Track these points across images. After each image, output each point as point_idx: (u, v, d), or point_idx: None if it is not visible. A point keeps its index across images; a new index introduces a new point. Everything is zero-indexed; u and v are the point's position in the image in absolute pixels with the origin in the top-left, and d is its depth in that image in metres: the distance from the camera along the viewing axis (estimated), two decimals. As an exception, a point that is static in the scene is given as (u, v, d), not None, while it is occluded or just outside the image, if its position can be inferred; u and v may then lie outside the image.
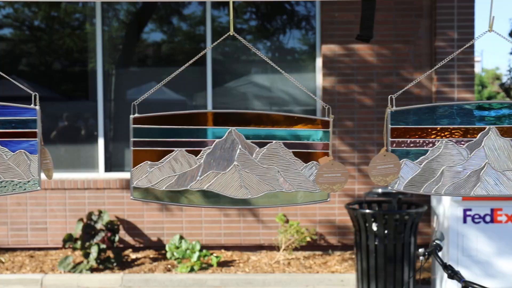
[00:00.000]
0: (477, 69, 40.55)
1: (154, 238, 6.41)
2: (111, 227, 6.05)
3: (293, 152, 1.72)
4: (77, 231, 5.98)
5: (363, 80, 6.28)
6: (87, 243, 5.82)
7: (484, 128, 1.61)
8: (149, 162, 1.67)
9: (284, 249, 6.16)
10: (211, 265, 5.94)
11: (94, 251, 5.75)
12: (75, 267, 5.75)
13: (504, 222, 4.72)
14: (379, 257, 4.91)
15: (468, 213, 4.74)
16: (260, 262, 6.11)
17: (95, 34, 6.46)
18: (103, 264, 5.84)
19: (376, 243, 4.90)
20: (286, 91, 6.59)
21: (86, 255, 5.77)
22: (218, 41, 1.96)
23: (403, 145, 1.66)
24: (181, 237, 6.13)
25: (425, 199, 5.89)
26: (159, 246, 6.40)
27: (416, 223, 4.98)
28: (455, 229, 4.74)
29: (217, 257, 6.01)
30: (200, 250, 6.02)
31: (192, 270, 5.80)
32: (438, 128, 1.64)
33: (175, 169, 1.68)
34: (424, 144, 1.65)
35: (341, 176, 1.70)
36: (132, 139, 1.68)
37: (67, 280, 5.55)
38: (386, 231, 4.86)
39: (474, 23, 6.17)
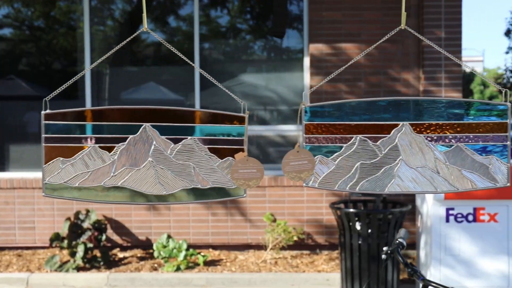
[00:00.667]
0: (479, 68, 40.48)
1: (142, 237, 6.42)
2: (98, 226, 6.05)
3: (209, 148, 1.71)
4: (64, 230, 5.99)
5: (350, 79, 6.28)
6: (74, 242, 5.83)
7: (398, 125, 1.61)
8: (61, 159, 1.67)
9: (271, 249, 6.16)
10: (197, 264, 5.95)
11: (80, 250, 5.76)
12: (61, 266, 5.76)
13: (486, 222, 4.72)
14: (363, 256, 4.91)
15: (450, 212, 4.74)
16: (247, 262, 6.11)
17: (83, 34, 6.47)
18: (89, 263, 5.85)
19: (359, 242, 4.90)
20: (274, 90, 6.59)
21: (73, 254, 5.78)
22: (131, 37, 1.96)
23: (317, 141, 1.66)
24: (169, 236, 6.14)
25: (411, 199, 5.88)
26: (146, 245, 6.40)
27: (400, 222, 4.98)
28: (437, 228, 4.74)
29: (203, 256, 6.01)
30: (187, 249, 6.02)
31: (178, 269, 5.80)
32: (353, 125, 1.64)
33: (88, 165, 1.68)
34: (339, 140, 1.65)
35: (257, 172, 1.70)
36: (43, 136, 1.67)
37: (53, 279, 5.56)
38: (369, 230, 4.86)
39: (461, 22, 6.17)
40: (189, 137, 1.70)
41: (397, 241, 2.55)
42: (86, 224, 5.98)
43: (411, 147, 1.61)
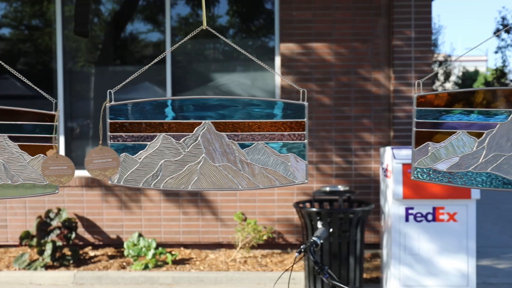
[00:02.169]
0: (483, 68, 40.36)
1: (113, 236, 6.44)
2: (68, 225, 6.08)
3: (19, 145, 1.74)
4: (35, 228, 6.02)
5: (321, 79, 6.29)
6: (43, 241, 5.85)
7: (200, 123, 1.63)
8: None
9: (241, 247, 6.18)
10: (166, 263, 5.97)
11: (48, 249, 5.78)
12: (30, 264, 5.79)
13: (445, 221, 4.72)
14: (325, 255, 4.92)
15: (410, 211, 4.75)
16: (217, 260, 6.13)
17: (56, 34, 6.50)
18: (58, 261, 5.87)
19: (321, 241, 4.90)
20: (246, 90, 6.61)
21: (41, 252, 5.81)
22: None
23: (122, 139, 1.68)
24: (140, 235, 6.16)
25: (377, 198, 5.89)
26: (118, 244, 6.43)
27: (362, 221, 4.99)
28: (397, 227, 4.75)
29: (172, 254, 6.04)
30: (156, 248, 6.04)
31: (146, 267, 5.82)
32: (157, 123, 1.65)
33: None
34: (143, 138, 1.66)
35: (68, 169, 1.72)
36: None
37: (20, 277, 5.59)
38: (331, 230, 4.87)
39: (431, 22, 6.17)
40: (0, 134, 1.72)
41: (311, 240, 2.57)
42: (55, 223, 6.01)
43: (213, 145, 1.63)
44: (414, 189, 4.67)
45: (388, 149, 4.91)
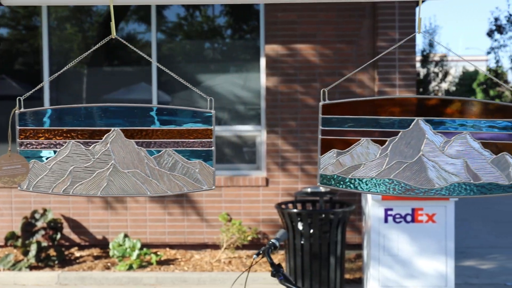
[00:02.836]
0: (483, 68, 40.25)
1: (99, 236, 6.46)
2: (54, 225, 6.10)
3: None
4: (20, 229, 6.04)
5: (305, 80, 6.31)
6: (27, 241, 5.88)
7: (110, 130, 1.65)
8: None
9: (226, 248, 6.20)
10: (151, 264, 5.99)
11: (33, 249, 5.81)
12: (14, 265, 5.81)
13: (424, 222, 4.74)
14: (305, 256, 4.94)
15: (389, 212, 4.77)
16: (202, 261, 6.16)
17: (41, 35, 6.52)
18: (43, 262, 5.90)
19: (302, 242, 4.93)
20: (232, 91, 6.63)
21: (26, 253, 5.83)
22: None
23: (31, 146, 1.70)
24: (126, 236, 6.19)
25: (358, 199, 5.91)
26: (104, 245, 6.45)
27: (343, 222, 5.01)
28: (376, 228, 4.77)
29: (157, 255, 6.06)
30: (141, 249, 6.07)
31: (131, 268, 5.85)
32: (65, 130, 1.68)
33: None
34: (53, 145, 1.69)
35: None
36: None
37: (5, 278, 5.61)
38: (311, 230, 4.89)
39: (415, 23, 6.18)
40: None
41: (270, 242, 2.59)
42: (40, 223, 6.03)
43: (123, 152, 1.66)
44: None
45: (368, 150, 4.92)
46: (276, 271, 2.36)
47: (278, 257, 6.24)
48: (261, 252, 2.51)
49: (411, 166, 1.67)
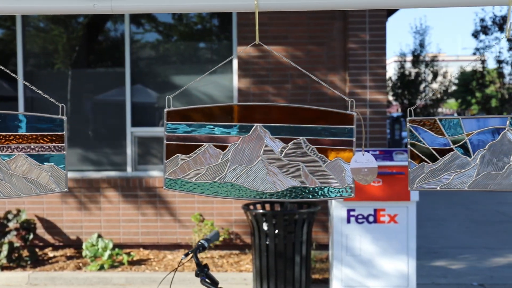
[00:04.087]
0: (479, 68, 40.46)
1: (73, 237, 6.51)
2: (27, 226, 6.14)
3: None
4: (-7, 229, 6.08)
5: (277, 81, 6.36)
6: (-1, 242, 5.92)
7: None
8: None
9: (198, 248, 6.24)
10: (122, 264, 6.04)
11: (5, 250, 5.84)
12: (-14, 265, 5.85)
13: (386, 223, 4.80)
14: (270, 256, 4.99)
15: (352, 213, 4.82)
16: (174, 261, 6.20)
17: (16, 37, 6.56)
18: (15, 262, 5.94)
19: (267, 242, 4.98)
20: (205, 92, 6.67)
21: (-3, 253, 5.87)
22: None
23: None
24: (99, 236, 6.23)
25: (325, 200, 5.95)
26: (78, 245, 6.49)
27: (309, 222, 5.05)
28: (339, 229, 4.82)
29: (129, 255, 6.11)
30: (113, 249, 6.11)
31: (102, 268, 5.89)
32: None
33: None
34: None
35: None
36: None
37: (-25, 278, 5.65)
38: (276, 231, 4.94)
39: (385, 25, 6.24)
40: None
41: (199, 243, 2.63)
42: (13, 224, 6.07)
43: None
44: (355, 191, 4.73)
45: (331, 151, 4.97)
46: (200, 271, 2.41)
47: (250, 257, 6.29)
48: (190, 252, 2.56)
49: (250, 171, 1.73)
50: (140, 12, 1.72)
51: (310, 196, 1.75)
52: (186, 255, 2.57)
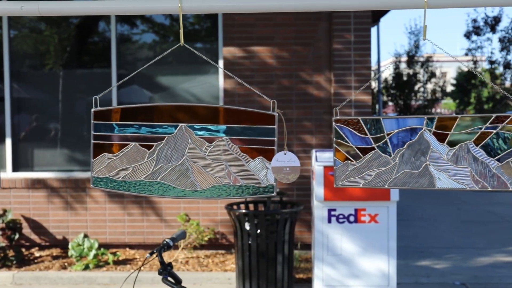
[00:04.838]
0: (478, 69, 40.51)
1: (59, 237, 6.52)
2: (13, 226, 6.16)
3: None
4: (-21, 229, 6.10)
5: (263, 82, 6.38)
6: (-16, 241, 5.93)
7: None
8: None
9: (183, 248, 6.26)
10: (108, 263, 6.05)
11: (-10, 249, 5.86)
12: (-29, 265, 5.86)
13: (367, 222, 4.82)
14: (253, 256, 5.01)
15: (332, 213, 4.84)
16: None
17: (2, 39, 6.58)
18: (0, 262, 5.95)
19: (249, 242, 5.00)
20: (191, 92, 6.69)
21: (-18, 253, 5.89)
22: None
23: None
24: (86, 236, 6.25)
25: (308, 199, 5.98)
26: (64, 245, 6.51)
27: (291, 222, 5.07)
28: (320, 228, 4.84)
29: (115, 255, 6.12)
30: (99, 248, 6.13)
31: (87, 268, 5.91)
32: None
33: None
34: None
35: None
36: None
37: (-40, 278, 5.67)
38: (258, 230, 4.96)
39: (370, 26, 6.26)
40: None
41: (164, 242, 2.65)
42: (-2, 224, 6.09)
43: None
44: (335, 191, 4.76)
45: (313, 151, 5.00)
46: (163, 269, 2.43)
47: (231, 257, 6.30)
48: (155, 251, 2.58)
49: (176, 169, 1.76)
50: (68, 14, 1.75)
51: (233, 195, 1.78)
52: (151, 253, 2.59)
